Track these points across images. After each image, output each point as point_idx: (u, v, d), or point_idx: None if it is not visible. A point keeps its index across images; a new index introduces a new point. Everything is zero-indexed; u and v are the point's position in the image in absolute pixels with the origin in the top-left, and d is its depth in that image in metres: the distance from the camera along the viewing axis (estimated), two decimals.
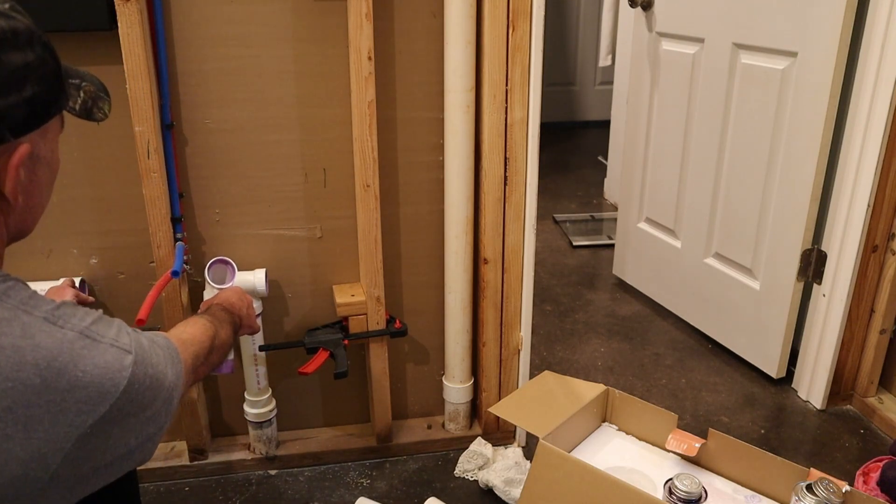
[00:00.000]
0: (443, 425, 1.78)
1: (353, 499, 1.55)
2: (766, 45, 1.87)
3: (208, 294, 1.46)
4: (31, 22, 0.70)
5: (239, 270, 1.52)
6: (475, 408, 1.79)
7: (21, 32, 0.68)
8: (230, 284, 1.45)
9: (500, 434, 1.76)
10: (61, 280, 1.38)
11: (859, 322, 1.84)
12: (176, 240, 1.46)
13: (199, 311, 1.20)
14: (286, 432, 1.72)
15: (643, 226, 2.45)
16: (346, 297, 1.57)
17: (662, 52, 2.24)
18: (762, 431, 1.83)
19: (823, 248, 1.84)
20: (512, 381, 1.71)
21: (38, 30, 0.71)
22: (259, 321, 1.41)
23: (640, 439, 1.40)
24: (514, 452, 1.69)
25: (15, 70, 0.67)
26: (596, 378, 2.04)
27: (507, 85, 1.46)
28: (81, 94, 0.82)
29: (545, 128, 1.70)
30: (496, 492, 1.58)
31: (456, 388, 1.72)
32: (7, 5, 0.69)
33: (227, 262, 1.49)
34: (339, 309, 1.56)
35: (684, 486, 1.18)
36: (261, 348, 1.57)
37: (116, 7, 1.25)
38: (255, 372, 1.59)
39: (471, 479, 1.65)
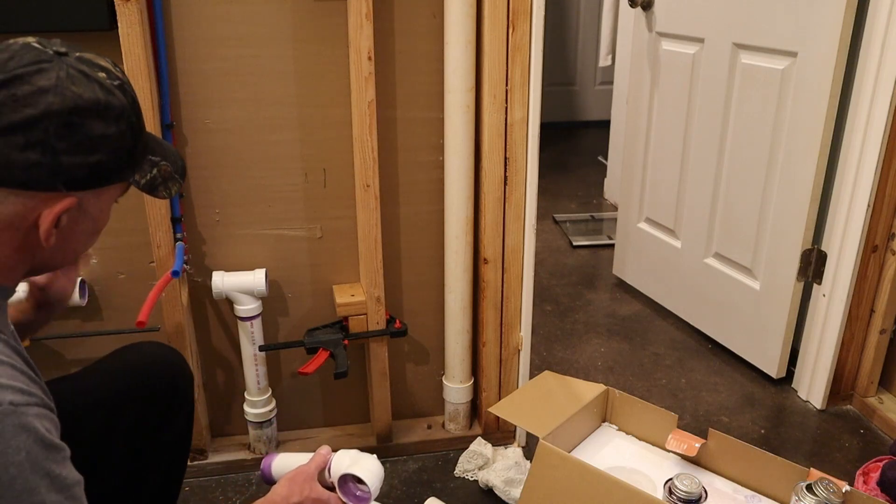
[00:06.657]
0: (443, 425, 1.77)
1: None
2: (766, 45, 1.86)
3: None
4: (129, 102, 0.77)
5: (239, 270, 1.52)
6: (475, 408, 1.79)
7: (113, 108, 0.75)
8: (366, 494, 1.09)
9: (500, 434, 1.76)
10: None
11: (859, 322, 1.84)
12: (176, 240, 1.46)
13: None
14: (286, 432, 1.72)
15: (643, 226, 2.45)
16: (346, 297, 1.57)
17: (662, 52, 2.24)
18: (762, 431, 1.83)
19: (823, 248, 1.84)
20: (512, 381, 1.71)
21: (133, 110, 0.78)
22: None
23: (640, 439, 1.40)
24: (514, 452, 1.69)
25: (92, 137, 0.73)
26: (596, 378, 2.04)
27: (507, 85, 1.46)
28: (154, 171, 0.84)
29: (545, 128, 1.69)
30: (496, 492, 1.58)
31: (456, 388, 1.72)
32: (118, 82, 0.76)
33: (361, 483, 1.09)
34: (339, 309, 1.56)
35: (684, 486, 1.18)
36: (261, 348, 1.57)
37: (116, 7, 1.25)
38: (255, 372, 1.59)
39: (471, 479, 1.65)
